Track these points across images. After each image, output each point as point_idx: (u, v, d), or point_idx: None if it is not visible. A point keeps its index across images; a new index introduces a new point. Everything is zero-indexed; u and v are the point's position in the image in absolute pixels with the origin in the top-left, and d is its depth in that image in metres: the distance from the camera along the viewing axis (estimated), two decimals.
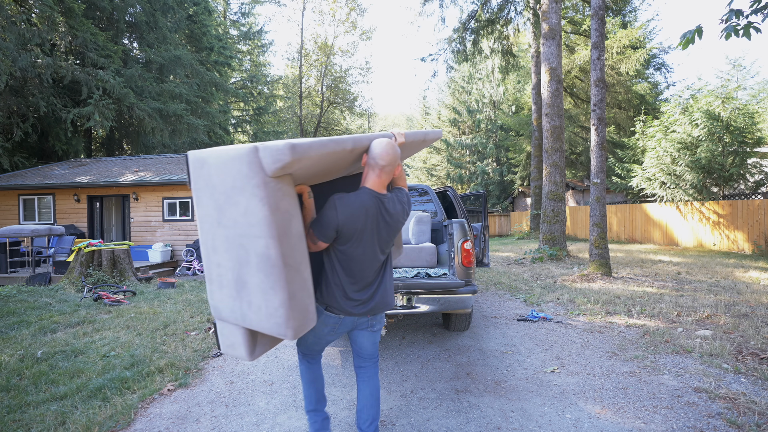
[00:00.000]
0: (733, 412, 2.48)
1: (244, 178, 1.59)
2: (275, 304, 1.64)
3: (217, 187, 1.69)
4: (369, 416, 2.06)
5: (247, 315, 1.73)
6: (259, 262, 1.63)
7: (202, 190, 1.77)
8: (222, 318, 1.86)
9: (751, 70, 20.51)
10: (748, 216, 10.77)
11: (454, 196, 4.77)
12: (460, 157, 32.47)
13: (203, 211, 1.80)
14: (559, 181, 10.38)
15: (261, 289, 1.65)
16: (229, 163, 1.64)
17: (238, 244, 1.68)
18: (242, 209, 1.63)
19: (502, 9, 16.51)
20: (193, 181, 1.81)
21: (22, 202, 11.78)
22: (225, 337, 1.89)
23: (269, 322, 1.67)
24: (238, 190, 1.62)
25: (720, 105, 11.84)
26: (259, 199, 1.58)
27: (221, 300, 1.82)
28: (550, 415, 2.56)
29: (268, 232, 1.59)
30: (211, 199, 1.74)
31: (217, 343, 1.97)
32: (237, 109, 28.40)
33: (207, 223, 1.80)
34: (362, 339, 2.10)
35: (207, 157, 1.73)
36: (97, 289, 6.61)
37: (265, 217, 1.58)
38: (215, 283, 1.83)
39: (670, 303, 5.20)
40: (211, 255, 1.82)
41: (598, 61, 7.40)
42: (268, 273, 1.62)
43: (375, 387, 2.12)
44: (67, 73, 13.21)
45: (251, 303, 1.70)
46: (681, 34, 3.54)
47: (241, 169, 1.59)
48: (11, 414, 2.67)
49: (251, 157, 1.57)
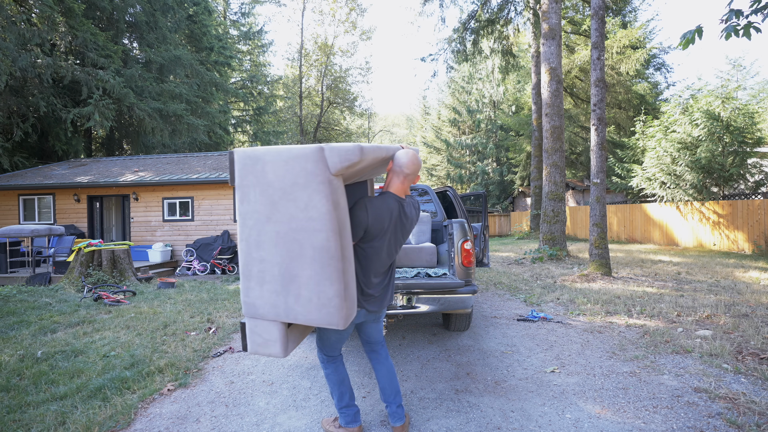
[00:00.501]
0: (733, 412, 2.48)
1: (308, 176, 1.72)
2: (329, 295, 1.76)
3: (273, 184, 1.79)
4: (392, 391, 2.33)
5: (293, 308, 1.82)
6: (316, 255, 1.75)
7: (250, 186, 1.84)
8: (257, 315, 1.90)
9: (751, 70, 20.51)
10: (748, 216, 10.77)
11: (454, 196, 4.77)
12: (460, 157, 32.47)
13: (249, 208, 1.86)
14: (559, 181, 10.38)
15: (315, 281, 1.77)
16: (291, 161, 1.76)
17: (292, 238, 1.78)
18: (302, 205, 1.75)
19: (502, 9, 16.51)
20: (241, 177, 1.86)
21: (22, 202, 11.79)
22: (257, 335, 1.93)
23: (319, 313, 1.79)
24: (300, 187, 1.74)
25: (720, 105, 11.83)
26: (323, 195, 1.72)
27: (260, 296, 1.87)
28: (550, 415, 2.56)
29: (330, 226, 1.73)
30: (262, 195, 1.82)
31: (244, 344, 2.00)
32: (237, 109, 28.40)
33: (252, 220, 1.86)
34: (370, 329, 2.36)
35: (263, 155, 1.82)
36: (97, 289, 6.61)
37: (327, 212, 1.72)
38: (254, 280, 1.87)
39: (670, 303, 5.20)
40: (253, 251, 1.86)
41: (598, 61, 7.40)
42: (325, 265, 1.75)
43: (390, 366, 2.38)
44: (67, 73, 13.21)
45: (299, 296, 1.80)
46: (681, 34, 3.54)
47: (305, 166, 1.72)
48: (11, 414, 2.67)
49: (318, 155, 1.71)
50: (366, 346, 2.42)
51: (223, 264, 10.20)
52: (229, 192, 10.79)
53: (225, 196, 10.81)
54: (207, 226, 10.88)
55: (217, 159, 13.13)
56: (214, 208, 10.89)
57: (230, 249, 10.40)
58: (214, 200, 10.87)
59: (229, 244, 10.45)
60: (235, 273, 10.16)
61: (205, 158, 13.45)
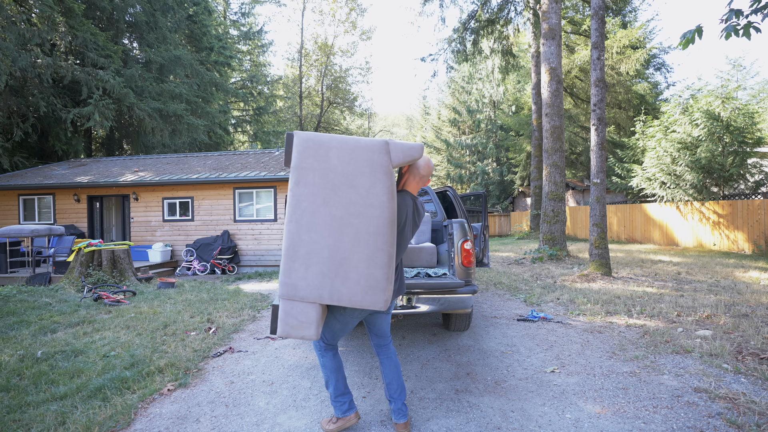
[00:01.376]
0: (733, 412, 2.48)
1: (373, 165, 1.88)
2: (378, 278, 1.88)
3: (336, 169, 1.90)
4: (398, 387, 2.41)
5: (339, 289, 1.89)
6: (371, 239, 1.87)
7: (310, 169, 1.91)
8: (296, 296, 1.93)
9: (751, 70, 20.49)
10: (748, 216, 10.77)
11: (454, 196, 4.77)
12: (460, 157, 32.48)
13: (306, 190, 1.91)
14: (559, 181, 10.38)
15: (365, 265, 1.87)
16: (357, 151, 1.90)
17: (347, 223, 1.88)
18: (363, 192, 1.87)
19: (502, 9, 16.51)
20: (300, 159, 1.93)
21: (22, 202, 11.79)
22: (292, 317, 1.95)
23: (365, 295, 1.89)
24: (364, 175, 1.88)
25: (720, 105, 11.83)
26: (384, 185, 1.88)
27: (304, 277, 1.91)
28: (550, 415, 2.56)
29: (387, 214, 1.88)
30: (323, 179, 1.91)
31: (273, 327, 2.03)
32: (237, 109, 28.40)
33: (307, 202, 1.91)
34: (379, 321, 2.43)
35: (328, 141, 1.94)
36: (97, 289, 6.61)
37: (387, 200, 1.88)
38: (300, 261, 1.90)
39: (670, 303, 5.20)
40: (303, 233, 1.91)
41: (598, 61, 7.40)
42: (378, 249, 1.87)
43: (396, 362, 2.47)
44: (67, 73, 13.22)
45: (347, 278, 1.88)
46: (681, 34, 3.54)
47: (371, 157, 1.88)
48: (11, 414, 2.67)
49: (384, 148, 1.90)
50: (375, 339, 2.49)
51: (223, 264, 10.20)
52: (229, 192, 10.80)
53: (225, 196, 10.82)
54: (207, 226, 10.89)
55: (217, 159, 13.13)
56: (214, 208, 10.89)
57: (230, 249, 10.40)
58: (214, 200, 10.87)
59: (229, 244, 10.45)
60: (235, 273, 10.16)
61: (205, 158, 13.45)
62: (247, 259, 10.63)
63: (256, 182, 10.52)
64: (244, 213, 10.78)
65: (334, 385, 2.39)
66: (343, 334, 2.39)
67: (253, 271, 10.26)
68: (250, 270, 10.46)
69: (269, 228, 10.57)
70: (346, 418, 2.39)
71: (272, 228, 10.55)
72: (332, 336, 2.37)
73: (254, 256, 10.61)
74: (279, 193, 10.52)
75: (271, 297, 6.70)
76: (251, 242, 10.64)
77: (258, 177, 10.22)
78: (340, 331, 2.36)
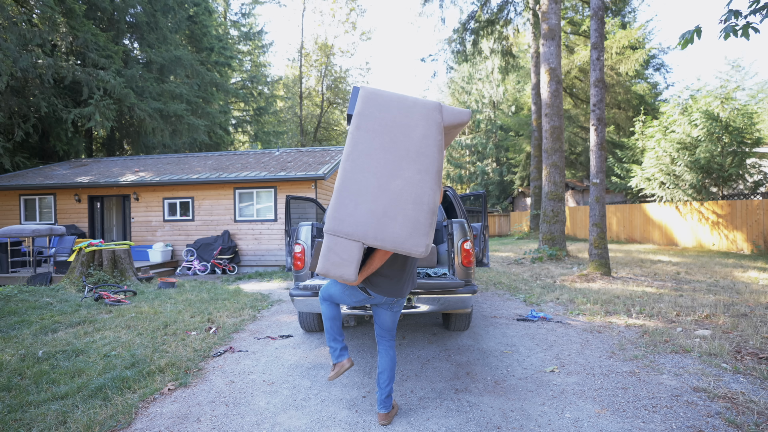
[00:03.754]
0: (732, 412, 2.49)
1: (428, 120, 2.10)
2: (423, 221, 1.99)
3: (396, 120, 2.10)
4: (387, 378, 2.56)
5: (385, 229, 1.99)
6: (419, 185, 2.01)
7: (371, 117, 2.10)
8: (341, 233, 2.02)
9: (750, 70, 20.59)
10: (747, 216, 10.77)
11: (453, 196, 4.77)
12: (459, 157, 32.49)
13: (365, 135, 2.10)
14: (559, 182, 10.39)
15: (413, 208, 1.99)
16: (414, 107, 2.13)
17: (399, 167, 2.04)
18: (416, 141, 2.07)
19: (501, 9, 16.53)
20: (363, 107, 2.13)
21: (23, 202, 11.80)
22: (335, 254, 2.03)
23: (411, 236, 1.99)
24: (419, 127, 2.09)
25: (719, 105, 11.84)
26: (435, 138, 2.09)
27: (352, 214, 2.01)
28: (550, 415, 2.57)
29: (436, 164, 2.08)
30: (382, 126, 2.10)
31: (314, 263, 2.25)
32: (237, 109, 28.41)
33: (364, 145, 2.08)
34: (384, 316, 2.60)
35: (389, 96, 2.15)
36: (98, 289, 6.63)
37: (437, 151, 2.09)
38: (350, 198, 2.02)
39: (669, 303, 5.21)
40: (357, 173, 2.04)
41: (598, 61, 7.41)
42: (426, 192, 2.02)
43: (392, 356, 2.61)
44: (68, 74, 13.23)
45: (395, 218, 1.99)
46: (680, 35, 3.55)
47: (427, 113, 2.10)
48: (12, 413, 2.68)
49: (438, 107, 2.15)
50: (378, 330, 2.66)
51: (224, 264, 10.21)
52: (229, 192, 10.81)
53: (225, 196, 10.83)
54: (207, 226, 10.90)
55: (218, 159, 13.14)
56: (214, 208, 10.90)
57: (230, 249, 10.41)
58: (214, 200, 10.88)
59: (229, 243, 10.46)
60: (235, 273, 10.17)
61: (206, 158, 13.46)
62: (248, 259, 10.64)
63: (257, 182, 10.54)
64: (244, 213, 10.79)
65: (327, 331, 2.56)
66: (341, 302, 2.55)
67: (254, 271, 10.27)
68: (250, 270, 10.47)
69: (269, 228, 10.58)
70: (340, 364, 2.53)
71: (272, 228, 10.56)
72: (329, 296, 2.55)
73: (254, 256, 10.62)
74: (279, 193, 10.54)
75: (271, 297, 6.71)
76: (251, 242, 10.65)
77: (258, 177, 10.24)
78: (338, 296, 2.52)
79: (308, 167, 10.82)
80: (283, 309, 5.79)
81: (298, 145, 30.00)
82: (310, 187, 10.31)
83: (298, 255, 3.83)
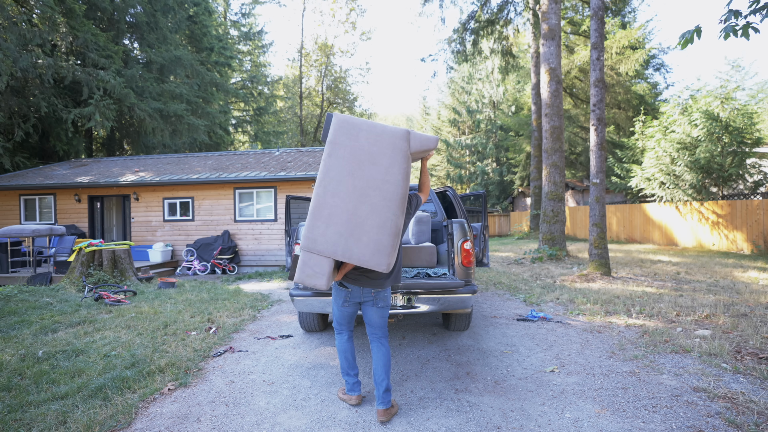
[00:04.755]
0: (731, 412, 2.49)
1: (395, 149, 2.25)
2: (385, 243, 2.20)
3: (363, 148, 2.25)
4: (382, 373, 2.61)
5: (351, 248, 2.21)
6: (383, 210, 2.20)
7: (341, 145, 2.28)
8: (314, 250, 2.26)
9: (750, 70, 20.57)
10: (747, 216, 10.77)
11: (453, 196, 4.77)
12: (459, 157, 32.48)
13: (335, 162, 2.27)
14: (559, 181, 10.39)
15: (377, 230, 2.20)
16: (383, 135, 2.26)
17: (366, 193, 2.22)
18: (383, 170, 2.23)
19: (501, 9, 16.53)
20: (335, 135, 2.30)
21: (23, 202, 11.80)
22: (308, 267, 2.28)
23: (372, 256, 2.20)
24: (386, 156, 2.24)
25: (719, 105, 11.84)
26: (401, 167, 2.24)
27: (323, 234, 2.24)
28: (550, 415, 2.57)
29: (400, 191, 2.23)
30: (351, 154, 2.26)
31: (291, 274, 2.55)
32: (237, 109, 28.41)
33: (335, 171, 2.27)
34: (371, 313, 2.65)
35: (359, 124, 2.31)
36: (98, 289, 6.63)
37: (402, 180, 2.24)
38: (322, 220, 2.24)
39: (669, 303, 5.21)
40: (329, 198, 2.25)
41: (598, 61, 7.41)
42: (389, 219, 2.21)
43: (384, 353, 2.65)
44: (68, 74, 13.23)
45: (360, 239, 2.20)
46: (680, 35, 3.55)
47: (394, 142, 2.25)
48: (13, 413, 2.68)
49: (406, 136, 2.27)
50: (368, 329, 2.73)
51: (224, 264, 10.21)
52: (229, 192, 10.81)
53: (225, 196, 10.83)
54: (207, 226, 10.90)
55: (218, 159, 13.14)
56: (214, 208, 10.90)
57: (230, 249, 10.41)
58: (214, 200, 10.88)
59: (229, 243, 10.46)
60: (235, 273, 10.17)
61: (206, 158, 13.46)
62: (248, 259, 10.64)
63: (257, 182, 10.54)
64: (244, 213, 10.79)
65: (340, 363, 2.76)
66: (343, 320, 2.70)
67: (254, 271, 10.26)
68: (250, 270, 10.47)
69: (269, 228, 10.58)
70: (348, 396, 2.75)
71: (272, 228, 10.56)
72: (336, 320, 2.73)
73: (254, 256, 10.62)
74: (279, 193, 10.54)
75: (271, 297, 6.71)
76: (251, 242, 10.65)
77: (258, 177, 10.24)
78: (338, 315, 2.70)
79: (308, 167, 10.82)
80: (283, 309, 5.79)
81: (298, 145, 30.00)
82: (310, 187, 10.31)
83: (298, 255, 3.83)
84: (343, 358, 2.74)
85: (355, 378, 2.74)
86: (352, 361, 2.73)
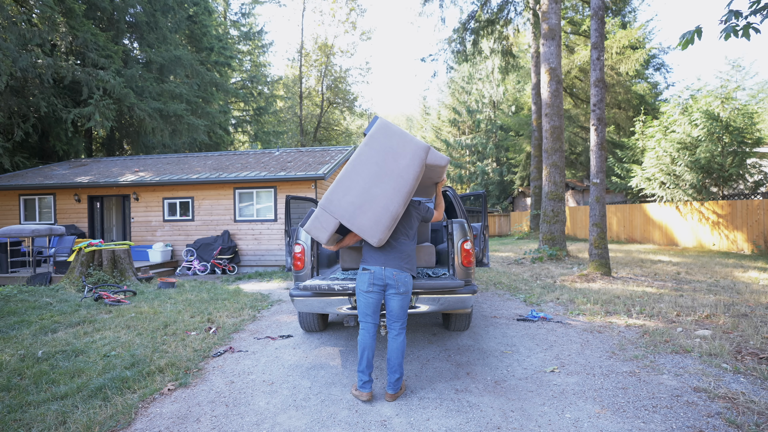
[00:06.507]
0: (732, 412, 2.48)
1: (415, 156, 2.73)
2: (384, 221, 2.65)
3: (392, 147, 2.75)
4: (395, 364, 2.80)
5: (356, 217, 2.67)
6: (393, 195, 2.66)
7: (377, 140, 2.78)
8: (328, 209, 2.71)
9: (751, 70, 20.56)
10: (747, 216, 10.77)
11: (453, 196, 4.77)
12: (460, 157, 32.47)
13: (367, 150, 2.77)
14: (559, 181, 10.39)
15: (382, 209, 2.65)
16: (408, 144, 2.76)
17: (382, 180, 2.70)
18: (402, 167, 2.71)
19: (501, 9, 16.52)
20: (374, 132, 2.80)
21: (22, 202, 11.79)
22: (319, 221, 2.73)
23: (371, 228, 2.65)
24: (406, 158, 2.73)
25: (719, 105, 11.84)
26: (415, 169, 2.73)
27: (339, 200, 2.71)
28: (550, 415, 2.57)
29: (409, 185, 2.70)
30: (380, 150, 2.76)
31: (304, 222, 3.20)
32: (237, 109, 28.40)
33: (365, 156, 2.76)
34: (392, 302, 2.83)
35: (394, 131, 2.81)
36: (98, 289, 6.62)
37: (413, 179, 2.71)
38: (342, 190, 2.71)
39: (669, 303, 5.21)
40: (354, 174, 2.73)
41: (598, 61, 7.41)
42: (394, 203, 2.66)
43: (400, 343, 2.83)
44: (68, 74, 13.22)
45: (366, 213, 2.66)
46: (680, 35, 3.54)
47: (416, 149, 2.74)
48: (12, 413, 2.68)
49: (426, 148, 2.77)
50: (387, 318, 2.90)
51: (224, 264, 10.20)
52: (229, 192, 10.80)
53: (225, 196, 10.83)
54: (207, 226, 10.89)
55: (217, 159, 13.13)
56: (214, 208, 10.89)
57: (230, 249, 10.41)
58: (214, 200, 10.88)
59: (229, 243, 10.45)
60: (235, 273, 10.17)
61: (206, 158, 13.45)
62: (248, 259, 10.64)
63: (257, 182, 10.53)
64: (244, 213, 10.79)
65: (359, 359, 2.83)
66: (368, 309, 2.82)
67: (254, 271, 10.26)
68: (250, 270, 10.46)
69: (269, 228, 10.57)
70: (359, 392, 2.83)
71: (272, 228, 10.55)
72: (360, 311, 2.87)
73: (254, 256, 10.61)
74: (279, 193, 10.53)
75: (271, 297, 6.71)
76: (251, 242, 10.64)
77: (258, 177, 10.23)
78: (363, 305, 2.84)
79: (308, 167, 10.82)
80: (283, 309, 5.79)
81: (298, 145, 30.00)
82: (310, 187, 10.31)
83: (298, 255, 3.83)
84: (362, 354, 2.79)
85: (369, 377, 2.79)
86: (371, 360, 2.79)
